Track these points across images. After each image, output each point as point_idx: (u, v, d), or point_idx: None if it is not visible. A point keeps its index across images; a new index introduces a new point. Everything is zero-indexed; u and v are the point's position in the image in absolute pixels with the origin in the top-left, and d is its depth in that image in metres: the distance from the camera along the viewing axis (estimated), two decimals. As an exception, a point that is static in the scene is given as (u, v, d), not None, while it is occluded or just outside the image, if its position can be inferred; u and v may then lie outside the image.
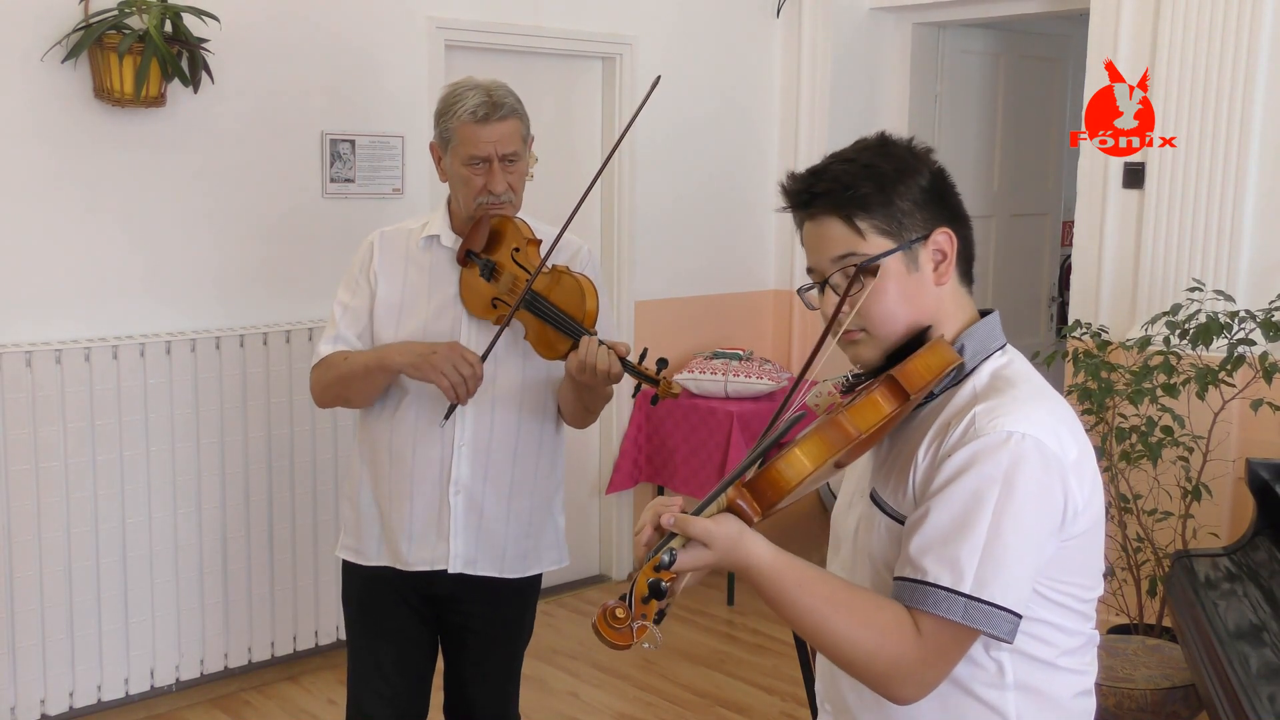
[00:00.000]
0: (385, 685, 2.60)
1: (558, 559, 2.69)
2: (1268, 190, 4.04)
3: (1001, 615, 1.43)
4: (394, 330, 2.53)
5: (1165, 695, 3.35)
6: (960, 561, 1.42)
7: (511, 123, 2.46)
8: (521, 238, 2.49)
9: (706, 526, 1.43)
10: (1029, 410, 1.48)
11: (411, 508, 2.53)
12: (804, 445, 1.46)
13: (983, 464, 1.44)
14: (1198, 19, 4.05)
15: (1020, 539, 1.44)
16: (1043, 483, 1.45)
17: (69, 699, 3.71)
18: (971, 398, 1.52)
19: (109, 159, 3.70)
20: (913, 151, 1.59)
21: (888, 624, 1.44)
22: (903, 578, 1.47)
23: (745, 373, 4.96)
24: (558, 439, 2.65)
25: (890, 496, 1.55)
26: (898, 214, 1.54)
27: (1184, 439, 3.67)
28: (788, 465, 1.45)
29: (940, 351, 1.53)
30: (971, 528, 1.43)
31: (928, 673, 1.45)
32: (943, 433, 1.50)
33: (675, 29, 5.01)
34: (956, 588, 1.42)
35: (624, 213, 4.93)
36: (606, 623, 1.40)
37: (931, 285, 1.57)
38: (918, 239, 1.55)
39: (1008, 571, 1.43)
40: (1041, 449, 1.45)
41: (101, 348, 3.66)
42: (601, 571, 5.19)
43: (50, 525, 3.61)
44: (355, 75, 4.16)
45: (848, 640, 1.44)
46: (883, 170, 1.54)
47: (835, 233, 1.55)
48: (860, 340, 1.58)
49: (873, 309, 1.55)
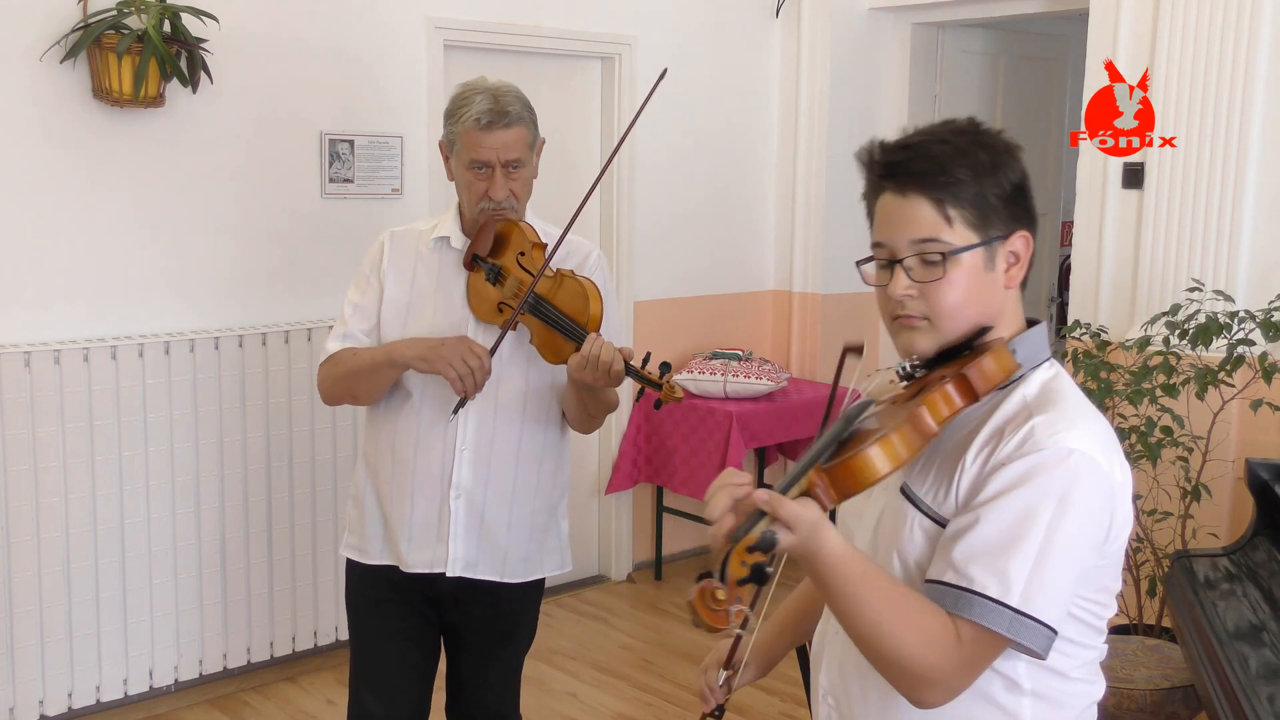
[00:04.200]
0: (386, 684, 2.60)
1: (560, 564, 2.69)
2: (1267, 190, 4.04)
3: (1042, 631, 1.42)
4: (401, 330, 2.53)
5: (1165, 695, 3.34)
6: (1009, 573, 1.41)
7: (516, 130, 2.44)
8: (527, 242, 2.48)
9: (796, 510, 1.39)
10: (1086, 428, 1.47)
11: (412, 509, 2.52)
12: (887, 441, 1.42)
13: (1041, 478, 1.43)
14: (1198, 19, 4.05)
15: (1069, 557, 1.43)
16: (1095, 503, 1.45)
17: (68, 699, 3.71)
18: (1022, 406, 1.50)
19: (107, 159, 3.70)
20: (1006, 145, 1.55)
21: (934, 629, 1.42)
22: (944, 582, 1.44)
23: (744, 373, 4.96)
24: (562, 445, 2.64)
25: (929, 495, 1.53)
26: (987, 208, 1.51)
27: (1183, 439, 3.67)
28: (871, 459, 1.41)
29: (1005, 357, 1.51)
30: (1023, 541, 1.41)
31: (959, 679, 1.44)
32: (995, 439, 1.48)
33: (675, 29, 5.01)
34: (1003, 599, 1.41)
35: (624, 213, 4.93)
36: (706, 604, 1.34)
37: (1000, 286, 1.54)
38: (998, 237, 1.52)
39: (1053, 588, 1.43)
40: (1097, 470, 1.45)
41: (100, 348, 3.66)
42: (601, 572, 5.19)
43: (49, 525, 3.61)
44: (354, 75, 4.16)
45: (896, 640, 1.42)
46: (980, 160, 1.50)
47: (923, 214, 1.50)
48: (920, 328, 1.55)
49: (943, 300, 1.51)
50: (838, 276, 5.37)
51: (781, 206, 5.47)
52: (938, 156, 1.50)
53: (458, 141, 2.47)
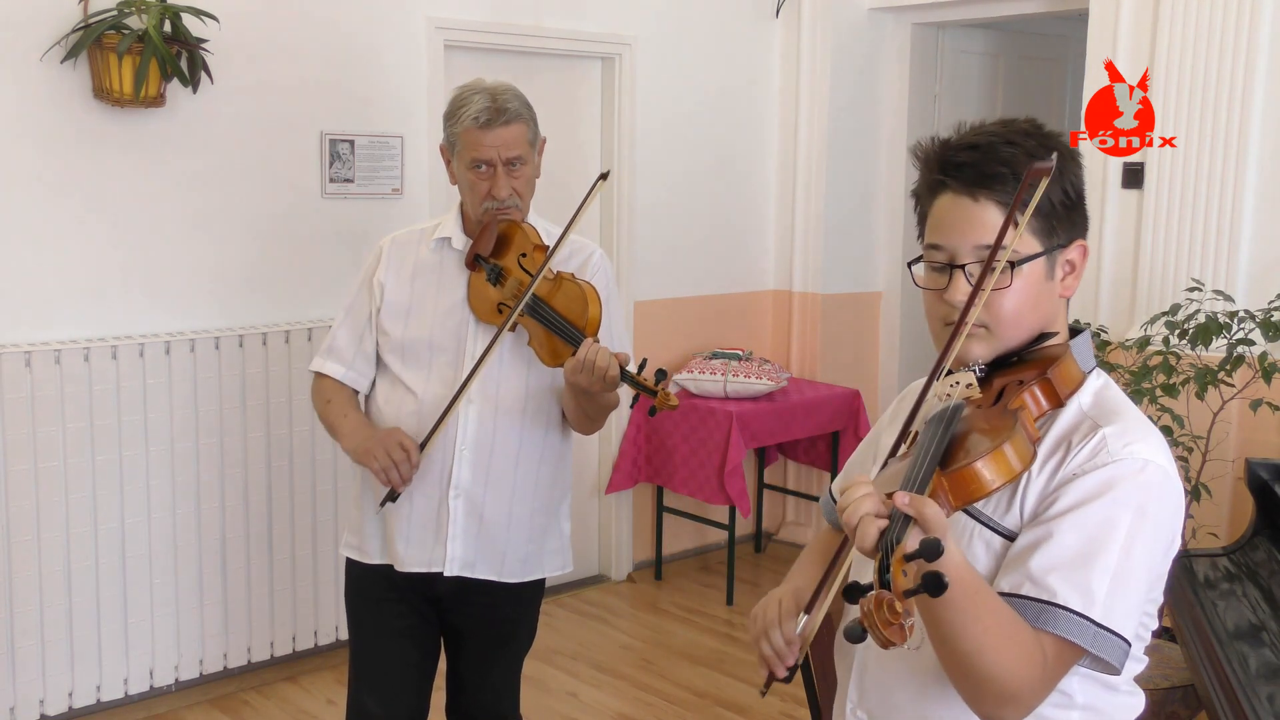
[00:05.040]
0: (385, 684, 2.60)
1: (561, 564, 2.69)
2: (1267, 190, 4.04)
3: (1120, 644, 1.39)
4: (402, 332, 2.54)
5: (1165, 695, 3.35)
6: (1091, 586, 1.38)
7: (516, 128, 2.45)
8: (529, 243, 2.49)
9: (939, 512, 1.29)
10: (1155, 440, 1.46)
11: (411, 509, 2.53)
12: (1004, 449, 1.37)
13: (1119, 490, 1.40)
14: (1197, 19, 4.05)
15: (1145, 569, 1.42)
16: (1168, 515, 1.44)
17: (68, 699, 3.71)
18: (1080, 416, 1.48)
19: (108, 159, 3.70)
20: (1071, 152, 1.51)
21: (1028, 644, 1.37)
22: (1022, 595, 1.40)
23: (744, 373, 4.96)
24: (563, 446, 2.65)
25: (988, 507, 1.48)
26: (1053, 216, 1.48)
27: (1183, 439, 3.67)
28: (994, 464, 1.36)
29: (1074, 364, 1.49)
30: (1104, 553, 1.38)
31: (1039, 695, 1.40)
32: (1062, 450, 1.45)
33: (675, 29, 5.01)
34: (1087, 613, 1.37)
35: (624, 213, 4.93)
36: (884, 616, 1.23)
37: (1057, 295, 1.52)
38: (1060, 245, 1.50)
39: (1129, 600, 1.40)
40: (1169, 480, 1.44)
41: (101, 348, 3.66)
42: (601, 571, 5.19)
43: (49, 525, 3.61)
44: (355, 75, 4.16)
45: (995, 656, 1.35)
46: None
47: (990, 219, 1.46)
48: (979, 336, 1.50)
49: (1004, 308, 1.48)
50: (838, 276, 5.38)
51: (781, 206, 5.47)
52: (1008, 160, 1.45)
53: (458, 142, 2.47)
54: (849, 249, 5.42)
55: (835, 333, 5.41)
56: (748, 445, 4.83)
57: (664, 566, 5.24)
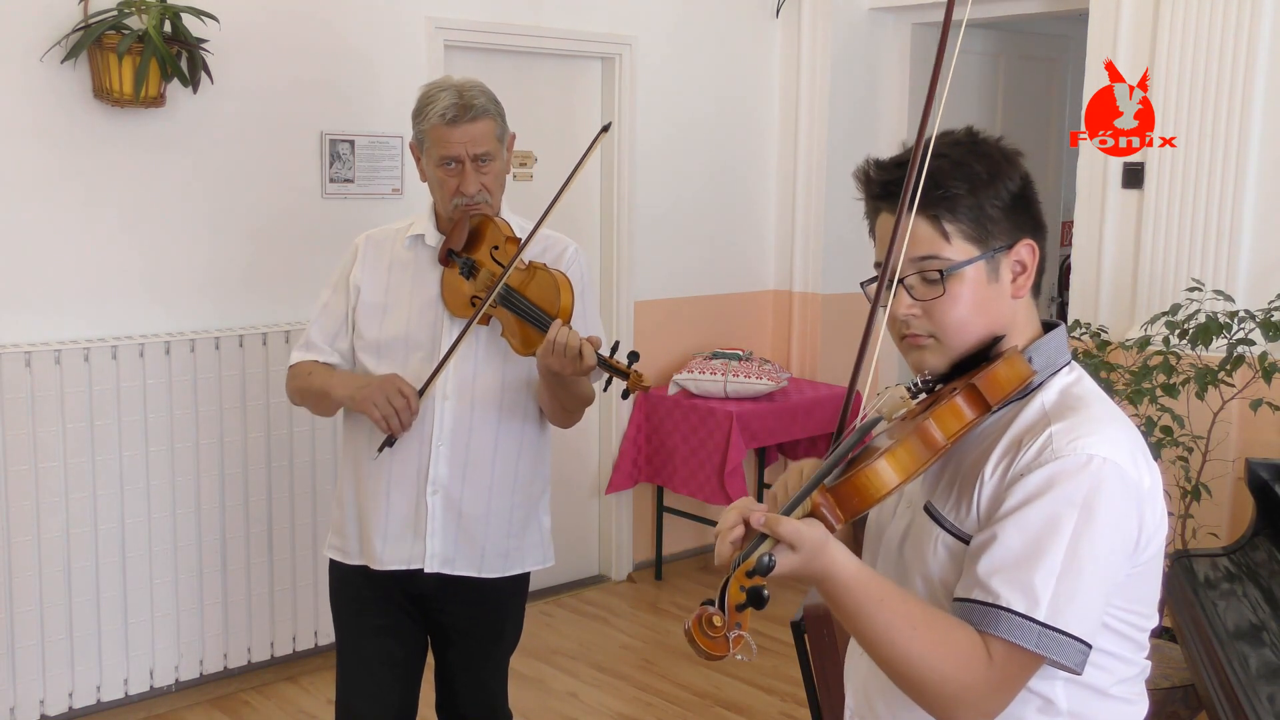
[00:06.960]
0: (373, 683, 2.61)
1: (542, 559, 2.68)
2: (1267, 190, 4.04)
3: (1074, 645, 1.37)
4: (378, 330, 2.55)
5: (1165, 695, 3.35)
6: (1034, 587, 1.36)
7: (483, 123, 2.46)
8: (501, 236, 2.50)
9: (797, 528, 1.33)
10: (1108, 433, 1.43)
11: (388, 506, 2.53)
12: (892, 455, 1.38)
13: (1062, 487, 1.38)
14: (1197, 19, 4.05)
15: (1096, 567, 1.38)
16: (1121, 510, 1.41)
17: (68, 699, 3.71)
18: (1041, 414, 1.47)
19: (108, 159, 3.70)
20: (1004, 153, 1.51)
21: (963, 648, 1.37)
22: (970, 599, 1.40)
23: (744, 373, 4.96)
24: (542, 440, 2.64)
25: (951, 512, 1.49)
26: (985, 220, 1.47)
27: (1183, 439, 3.67)
28: (876, 474, 1.37)
29: (1018, 364, 1.47)
30: (1047, 553, 1.37)
31: (993, 700, 1.39)
32: (1013, 450, 1.44)
33: (675, 29, 5.01)
34: (1030, 614, 1.36)
35: (624, 213, 4.93)
36: (703, 631, 1.28)
37: (1008, 296, 1.52)
38: (1001, 248, 1.49)
39: (1082, 600, 1.38)
40: (1121, 474, 1.40)
41: (101, 348, 3.66)
42: (601, 571, 5.19)
43: (49, 525, 3.61)
44: (354, 75, 4.16)
45: (923, 662, 1.36)
46: (976, 172, 1.47)
47: (919, 232, 1.48)
48: (927, 346, 1.52)
49: (946, 316, 1.49)
50: (838, 276, 5.38)
51: (781, 206, 5.47)
52: (931, 172, 1.46)
53: (426, 139, 2.48)
54: (849, 249, 5.42)
55: (835, 333, 5.41)
56: (748, 445, 4.83)
57: (664, 566, 5.24)
